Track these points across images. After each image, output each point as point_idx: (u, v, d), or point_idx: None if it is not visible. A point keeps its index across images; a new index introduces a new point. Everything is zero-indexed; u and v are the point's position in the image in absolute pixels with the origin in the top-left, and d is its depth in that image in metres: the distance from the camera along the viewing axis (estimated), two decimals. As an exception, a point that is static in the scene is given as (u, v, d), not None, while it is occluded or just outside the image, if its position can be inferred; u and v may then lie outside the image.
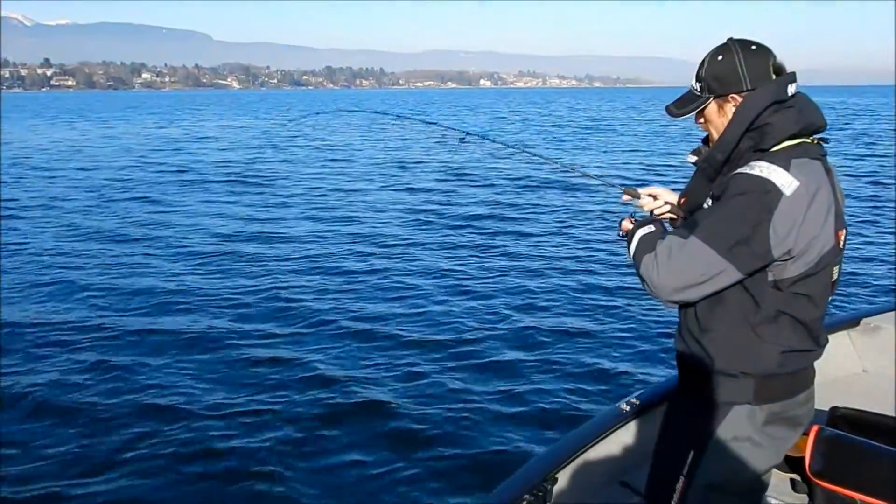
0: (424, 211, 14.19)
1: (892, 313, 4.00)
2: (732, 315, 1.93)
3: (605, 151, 27.66)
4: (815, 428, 2.55)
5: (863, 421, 2.84)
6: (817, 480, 2.52)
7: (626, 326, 7.32)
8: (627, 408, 2.96)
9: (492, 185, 17.40)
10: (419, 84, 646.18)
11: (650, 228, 2.07)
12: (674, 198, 2.26)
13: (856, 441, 2.53)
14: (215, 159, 24.74)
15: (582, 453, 2.78)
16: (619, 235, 2.19)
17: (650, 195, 2.28)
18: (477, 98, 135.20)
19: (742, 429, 1.96)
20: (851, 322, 3.99)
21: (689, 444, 2.04)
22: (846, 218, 2.06)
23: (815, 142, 1.97)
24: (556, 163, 3.04)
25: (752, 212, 1.81)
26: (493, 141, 3.43)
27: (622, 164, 22.48)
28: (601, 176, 3.05)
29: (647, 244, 2.00)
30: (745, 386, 1.94)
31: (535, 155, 3.02)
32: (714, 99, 2.01)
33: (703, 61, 2.02)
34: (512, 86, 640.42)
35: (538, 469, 2.64)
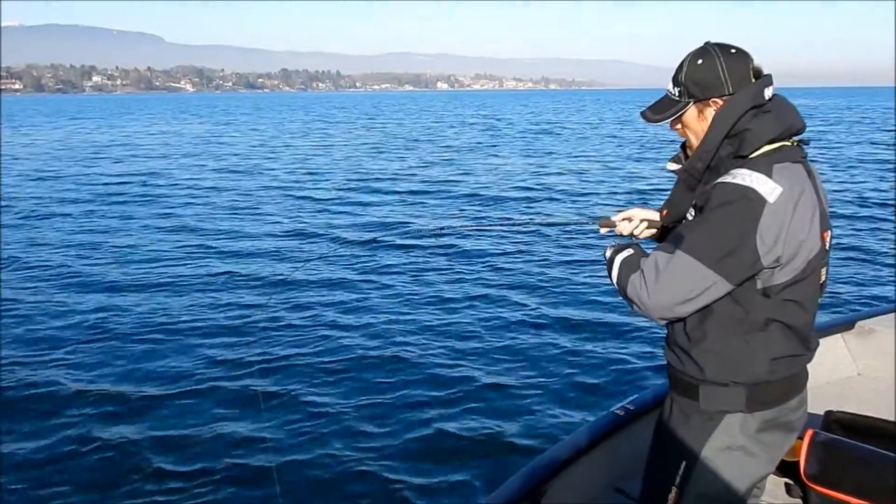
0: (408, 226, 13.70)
1: (887, 316, 4.03)
2: (721, 325, 1.90)
3: (549, 153, 27.81)
4: (809, 432, 2.54)
5: (858, 425, 2.83)
6: (812, 485, 2.52)
7: (618, 330, 7.31)
8: (622, 413, 2.95)
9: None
10: (376, 87, 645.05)
11: (629, 252, 2.04)
12: (649, 214, 2.24)
13: (851, 445, 2.53)
14: (125, 171, 23.52)
15: (577, 459, 2.76)
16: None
17: (625, 219, 2.26)
18: (429, 101, 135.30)
19: (734, 438, 1.94)
20: (846, 325, 3.99)
21: (681, 455, 2.00)
22: (838, 219, 2.05)
23: (795, 144, 1.95)
24: (531, 224, 3.01)
25: (738, 222, 1.78)
26: (470, 226, 3.38)
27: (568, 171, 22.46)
28: (572, 220, 2.96)
29: (631, 265, 1.97)
30: (737, 394, 1.91)
31: (511, 224, 2.97)
32: (694, 103, 1.97)
33: (682, 65, 1.98)
34: (469, 88, 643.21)
35: (533, 475, 2.62)
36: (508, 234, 12.92)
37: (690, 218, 1.98)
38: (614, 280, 2.03)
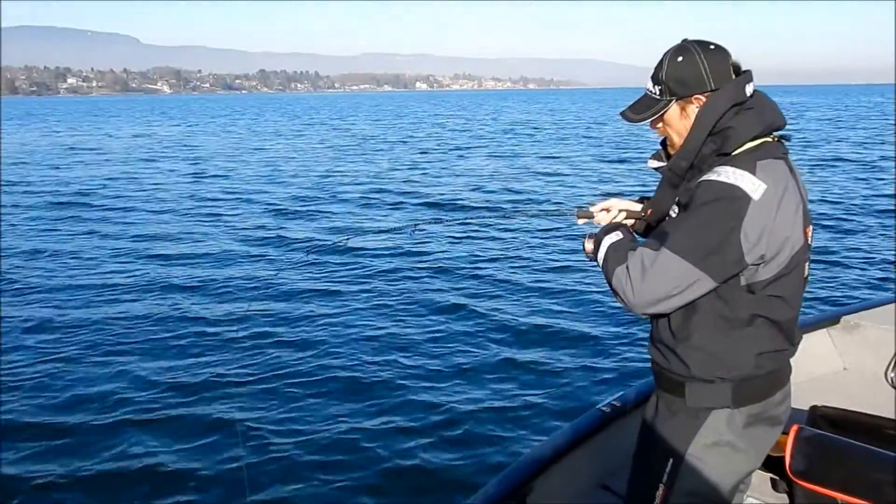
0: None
1: (872, 311, 4.03)
2: (706, 322, 1.90)
3: (518, 155, 27.57)
4: (795, 427, 2.53)
5: (843, 419, 2.83)
6: (798, 480, 2.50)
7: (601, 327, 7.30)
8: (608, 410, 2.94)
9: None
10: (355, 87, 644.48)
11: (618, 235, 2.03)
12: (628, 205, 2.24)
13: (836, 440, 2.52)
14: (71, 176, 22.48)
15: (562, 457, 2.75)
16: (587, 258, 2.13)
17: (603, 209, 2.25)
18: (406, 101, 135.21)
19: (721, 434, 1.94)
20: (831, 320, 3.98)
21: (668, 452, 2.00)
22: (821, 215, 2.04)
23: (777, 140, 1.95)
24: (505, 214, 3.00)
25: (722, 220, 1.78)
26: (445, 219, 3.38)
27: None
28: (551, 210, 2.91)
29: (618, 255, 1.95)
30: (723, 390, 1.91)
31: (487, 216, 2.95)
32: (676, 101, 1.96)
33: (661, 64, 1.96)
34: (448, 88, 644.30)
35: (518, 474, 2.61)
36: (482, 229, 12.81)
37: (674, 215, 1.98)
38: (600, 262, 2.02)
